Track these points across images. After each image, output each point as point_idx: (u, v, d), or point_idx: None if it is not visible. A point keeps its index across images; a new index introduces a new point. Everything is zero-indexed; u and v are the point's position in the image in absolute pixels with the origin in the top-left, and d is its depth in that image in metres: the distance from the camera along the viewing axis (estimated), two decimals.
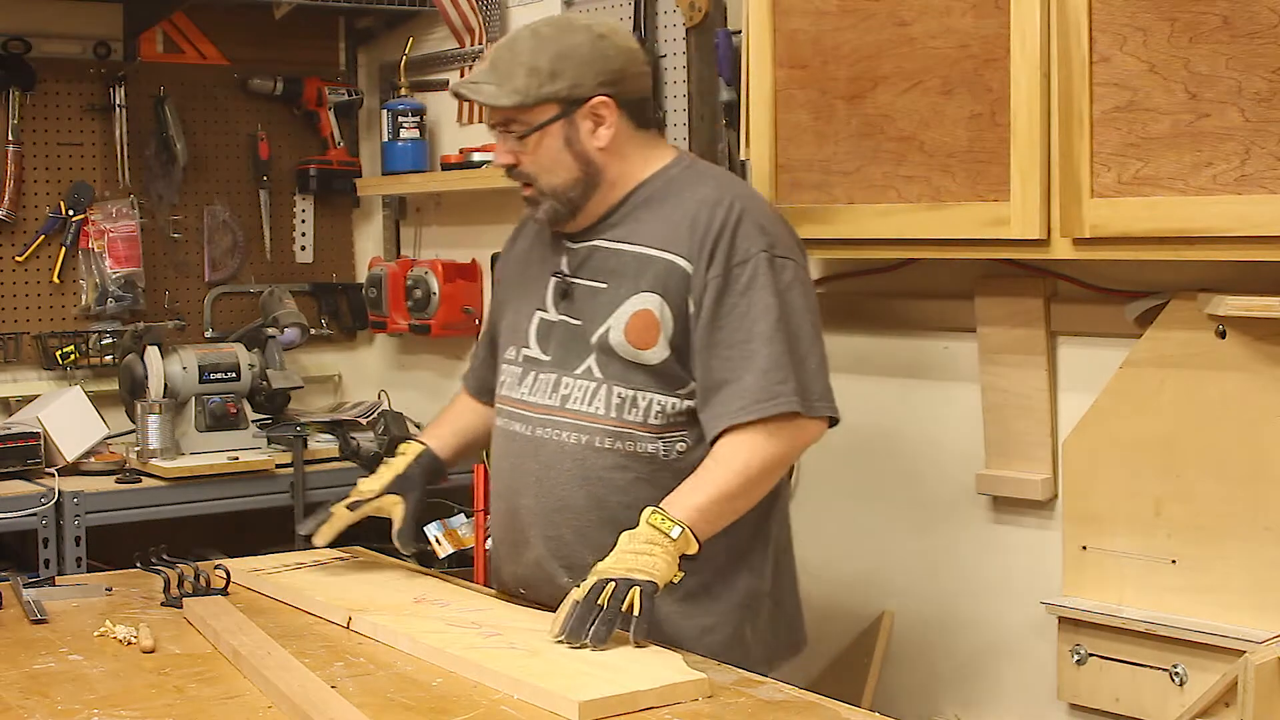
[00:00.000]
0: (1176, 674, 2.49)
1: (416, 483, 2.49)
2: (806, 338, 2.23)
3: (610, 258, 2.30)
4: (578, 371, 2.29)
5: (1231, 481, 2.43)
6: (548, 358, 2.33)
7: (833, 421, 2.27)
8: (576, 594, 2.03)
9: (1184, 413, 2.48)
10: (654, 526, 2.08)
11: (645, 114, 2.34)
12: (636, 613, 1.98)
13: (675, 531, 2.08)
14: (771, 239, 2.25)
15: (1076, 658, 2.63)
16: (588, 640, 1.97)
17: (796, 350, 2.20)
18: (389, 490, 2.47)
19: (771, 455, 2.20)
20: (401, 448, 2.55)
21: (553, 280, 2.35)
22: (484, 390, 2.57)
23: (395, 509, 2.47)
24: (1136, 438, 2.55)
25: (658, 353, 2.24)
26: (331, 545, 2.53)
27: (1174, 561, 2.51)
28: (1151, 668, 2.52)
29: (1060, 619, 2.65)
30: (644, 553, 2.06)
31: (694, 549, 2.10)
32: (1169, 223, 2.28)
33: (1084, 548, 2.63)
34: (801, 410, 2.19)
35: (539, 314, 2.36)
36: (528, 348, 2.36)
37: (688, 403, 2.26)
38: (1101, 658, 2.59)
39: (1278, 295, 2.32)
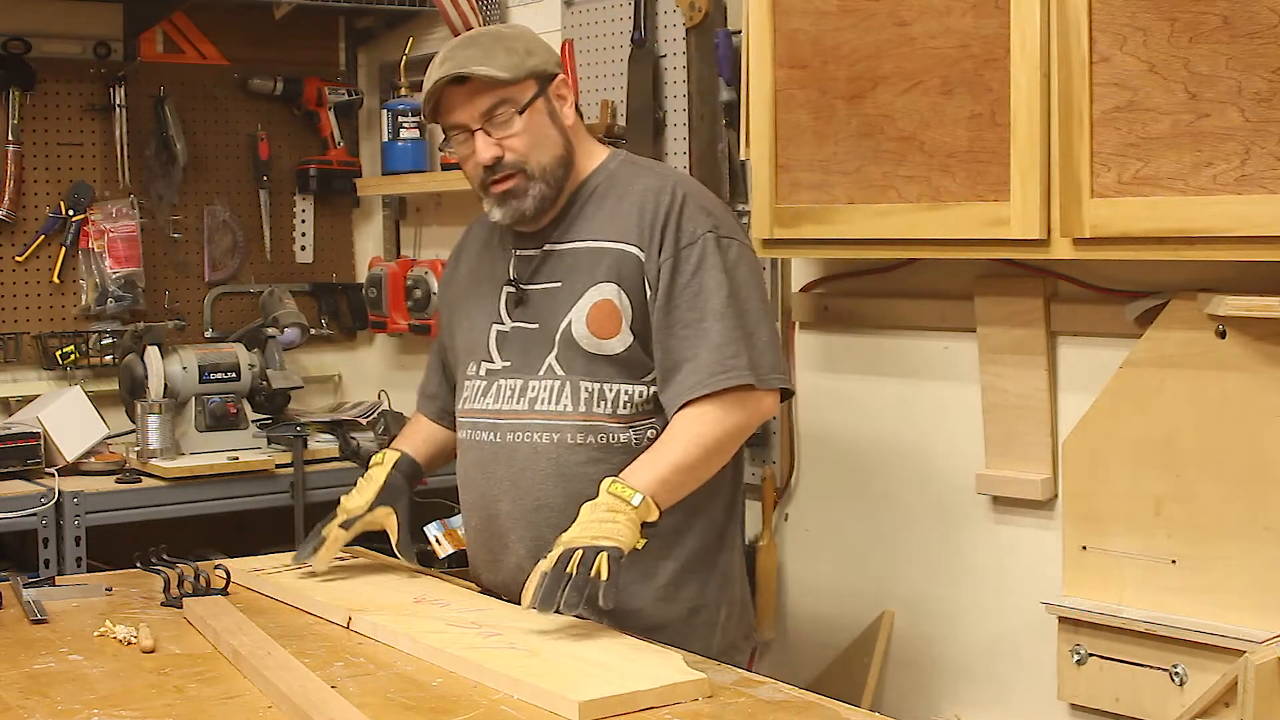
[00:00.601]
0: (1176, 674, 2.48)
1: (403, 490, 2.49)
2: (755, 313, 2.28)
3: (564, 257, 2.34)
4: (540, 372, 2.32)
5: (1231, 481, 2.43)
6: (508, 364, 2.36)
7: (785, 394, 2.32)
8: (544, 565, 2.05)
9: (1184, 413, 2.48)
10: (615, 495, 2.11)
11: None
12: (604, 578, 2.00)
13: (636, 499, 2.11)
14: (715, 220, 2.31)
15: (1076, 658, 2.63)
16: (560, 608, 1.99)
17: (746, 325, 2.25)
18: (378, 503, 2.47)
19: (727, 427, 2.24)
20: (376, 458, 2.54)
21: (505, 290, 2.39)
22: (444, 414, 2.59)
23: (389, 521, 2.47)
24: (1136, 438, 2.55)
25: (621, 340, 2.28)
26: None
27: (1174, 561, 2.51)
28: (1151, 668, 2.52)
29: (1060, 619, 2.65)
30: (607, 520, 2.09)
31: (654, 516, 2.13)
32: (1169, 223, 2.28)
33: (1084, 547, 2.63)
34: (754, 383, 2.24)
35: (495, 326, 2.39)
36: (489, 361, 2.39)
37: (653, 389, 2.29)
38: (1101, 658, 2.59)
39: (1278, 295, 2.32)
